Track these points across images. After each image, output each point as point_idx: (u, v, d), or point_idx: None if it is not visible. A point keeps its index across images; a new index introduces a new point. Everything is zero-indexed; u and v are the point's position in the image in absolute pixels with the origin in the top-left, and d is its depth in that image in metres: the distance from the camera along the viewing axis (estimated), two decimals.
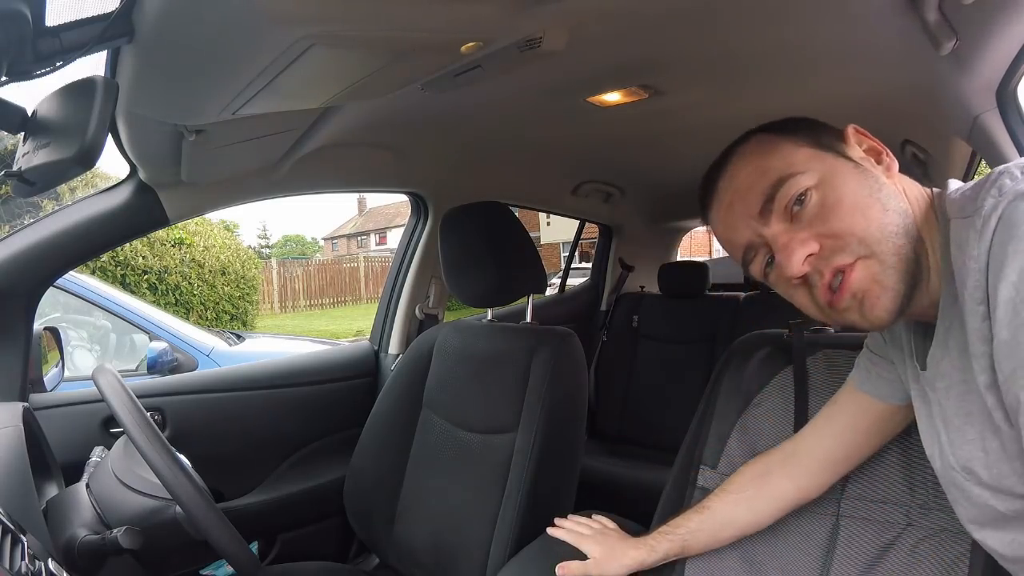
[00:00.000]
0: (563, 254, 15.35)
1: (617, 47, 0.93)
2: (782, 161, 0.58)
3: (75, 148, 0.56)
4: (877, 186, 0.55)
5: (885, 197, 0.55)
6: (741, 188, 0.60)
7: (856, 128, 0.60)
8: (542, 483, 1.09)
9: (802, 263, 0.55)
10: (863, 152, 0.59)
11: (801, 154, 0.58)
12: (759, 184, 0.58)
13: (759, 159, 0.60)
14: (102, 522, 0.84)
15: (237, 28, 0.60)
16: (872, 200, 0.54)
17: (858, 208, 0.54)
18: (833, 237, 0.54)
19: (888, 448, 0.75)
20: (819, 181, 0.55)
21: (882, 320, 0.54)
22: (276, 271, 14.24)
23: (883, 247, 0.53)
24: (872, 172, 0.57)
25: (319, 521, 1.48)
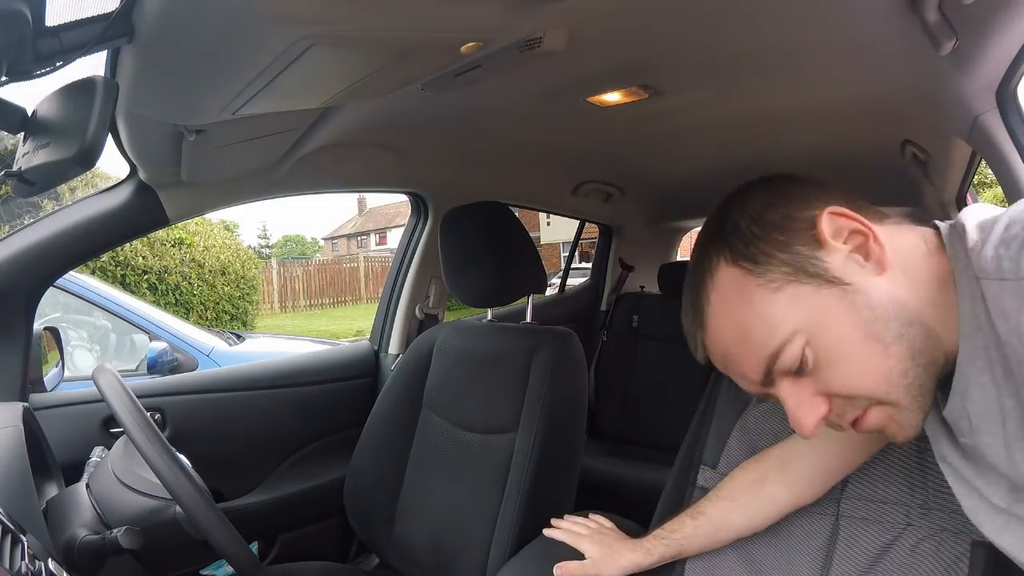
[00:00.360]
0: (563, 254, 15.36)
1: (617, 47, 0.93)
2: (763, 324, 0.51)
3: (75, 148, 0.56)
4: (870, 312, 0.49)
5: (883, 324, 0.49)
6: (730, 355, 0.55)
7: (831, 213, 0.51)
8: (542, 483, 1.09)
9: (815, 429, 0.52)
10: (847, 249, 0.51)
11: (779, 304, 0.51)
12: (748, 359, 0.53)
13: (736, 319, 0.53)
14: (102, 522, 0.84)
15: (237, 28, 0.60)
16: (869, 343, 0.49)
17: (856, 361, 0.50)
18: (840, 396, 0.51)
19: (888, 448, 0.75)
20: (808, 338, 0.50)
21: (907, 441, 0.54)
22: (276, 271, 14.25)
23: (893, 395, 0.50)
24: (860, 287, 0.50)
25: (319, 521, 1.48)
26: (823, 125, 1.33)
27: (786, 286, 0.51)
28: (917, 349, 0.49)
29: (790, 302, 0.51)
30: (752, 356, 0.53)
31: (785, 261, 0.51)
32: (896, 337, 0.49)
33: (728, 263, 0.54)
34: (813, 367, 0.51)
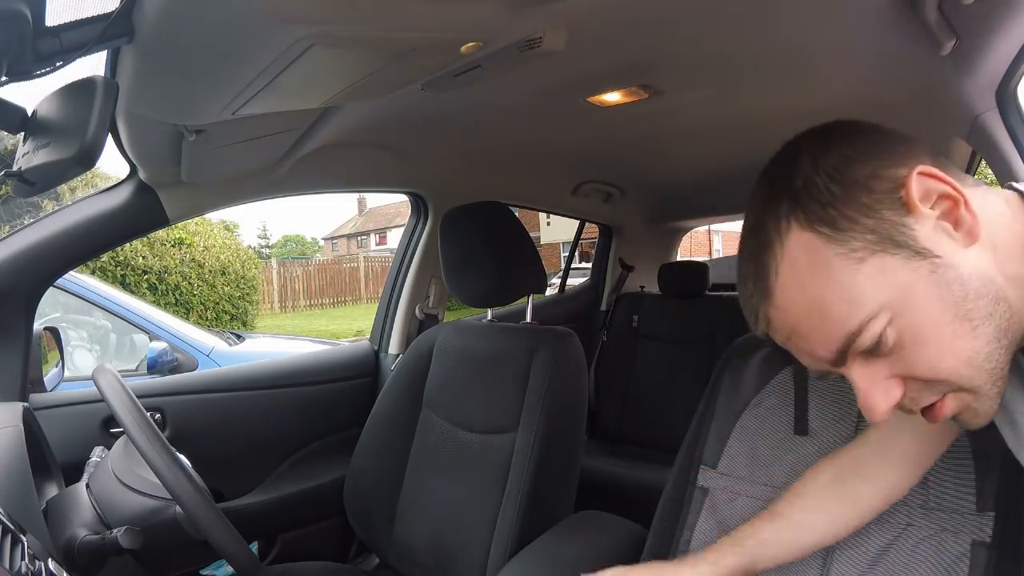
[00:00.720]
0: (563, 254, 15.36)
1: (617, 47, 0.93)
2: (842, 299, 0.45)
3: (75, 148, 0.56)
4: (961, 289, 0.44)
5: (972, 301, 0.44)
6: (799, 329, 0.48)
7: (921, 174, 0.45)
8: (542, 483, 1.09)
9: (887, 412, 0.48)
10: (935, 215, 0.45)
11: (863, 278, 0.45)
12: (821, 335, 0.47)
13: (811, 291, 0.47)
14: (102, 522, 0.84)
15: (237, 28, 0.60)
16: (957, 324, 0.45)
17: (943, 342, 0.45)
18: (918, 380, 0.47)
19: None
20: (893, 316, 0.45)
21: (981, 426, 0.50)
22: (276, 271, 14.25)
23: (976, 381, 0.46)
24: (950, 261, 0.45)
25: (319, 521, 1.48)
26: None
27: (871, 257, 0.45)
28: (1003, 329, 0.45)
29: (875, 275, 0.45)
30: (827, 333, 0.47)
31: (870, 228, 0.45)
32: (985, 317, 0.45)
33: (802, 227, 0.47)
34: (893, 347, 0.46)
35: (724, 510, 0.86)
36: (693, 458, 0.91)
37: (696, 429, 0.93)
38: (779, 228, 0.48)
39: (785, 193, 0.48)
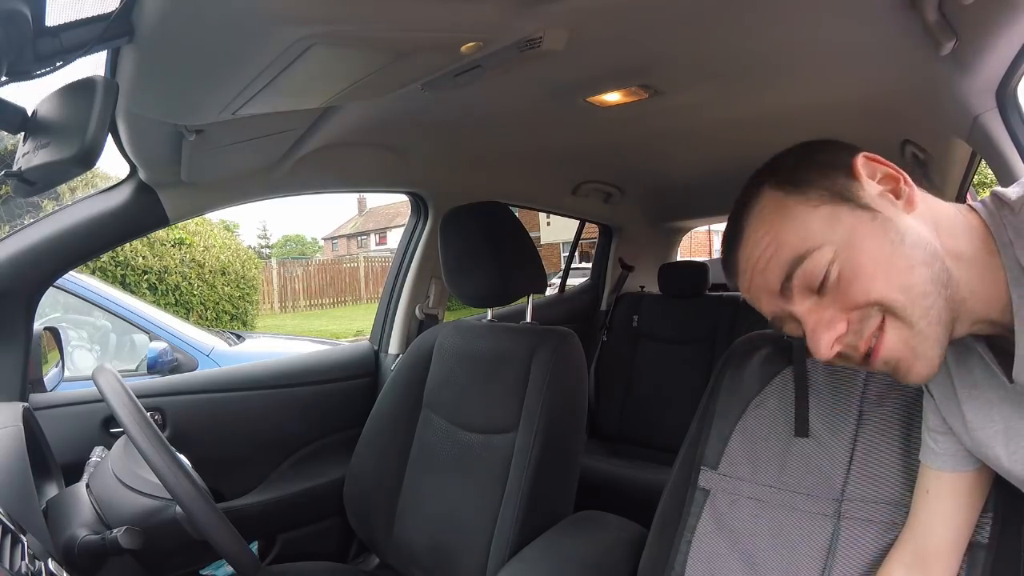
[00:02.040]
0: (563, 254, 15.36)
1: (617, 47, 0.93)
2: (796, 233, 0.54)
3: (75, 148, 0.56)
4: (898, 235, 0.52)
5: (909, 247, 0.52)
6: (759, 265, 0.57)
7: (866, 157, 0.56)
8: (542, 483, 1.09)
9: (831, 347, 0.54)
10: (880, 188, 0.55)
11: (816, 219, 0.54)
12: (775, 262, 0.55)
13: (772, 229, 0.56)
14: (102, 522, 0.84)
15: (237, 28, 0.60)
16: (894, 256, 0.51)
17: (879, 269, 0.51)
18: (858, 308, 0.52)
19: (889, 448, 0.75)
20: (837, 251, 0.52)
21: (920, 382, 0.54)
22: (276, 271, 14.25)
23: (910, 310, 0.51)
24: (890, 216, 0.53)
25: (319, 521, 1.48)
26: (823, 125, 1.32)
27: (823, 205, 0.54)
28: (941, 281, 0.51)
29: (826, 218, 0.54)
30: (779, 260, 0.55)
31: (825, 187, 0.55)
32: (921, 262, 0.51)
33: (771, 187, 0.57)
34: (835, 283, 0.53)
35: (725, 511, 0.85)
36: (694, 459, 0.91)
37: (697, 429, 0.93)
38: (756, 192, 0.58)
39: (764, 172, 0.59)
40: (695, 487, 0.89)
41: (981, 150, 0.97)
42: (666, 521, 0.90)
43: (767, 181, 0.58)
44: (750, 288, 0.59)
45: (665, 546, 0.89)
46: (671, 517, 0.90)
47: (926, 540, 0.67)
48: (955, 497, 0.66)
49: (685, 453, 0.93)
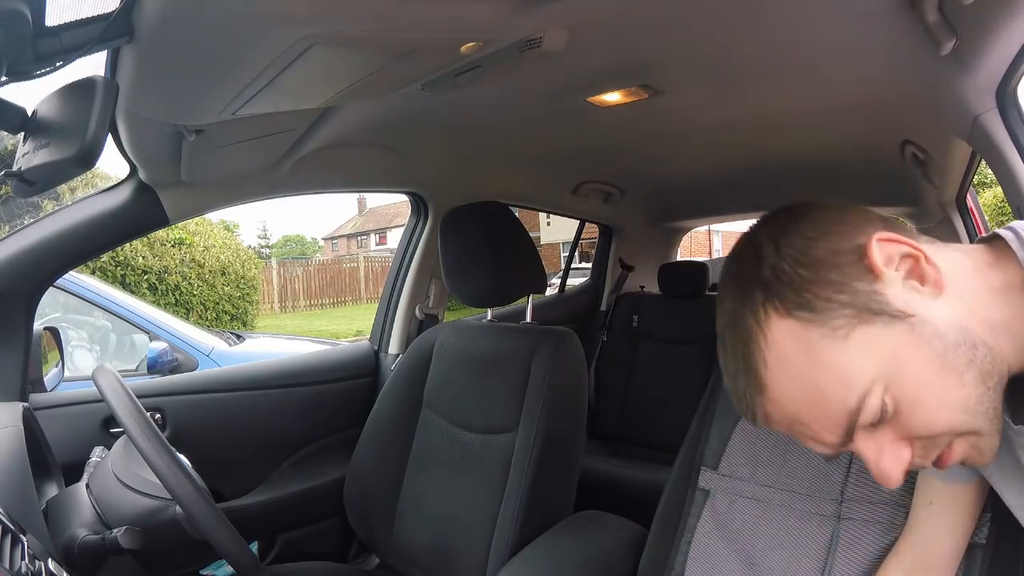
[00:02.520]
0: (563, 254, 15.36)
1: (617, 47, 0.93)
2: (837, 380, 0.46)
3: (75, 148, 0.56)
4: (940, 341, 0.45)
5: (952, 352, 0.45)
6: (801, 419, 0.48)
7: (881, 240, 0.47)
8: (542, 483, 1.09)
9: (902, 475, 0.48)
10: (902, 277, 0.47)
11: (852, 354, 0.45)
12: (824, 421, 0.47)
13: (807, 382, 0.47)
14: (102, 522, 0.84)
15: (237, 28, 0.60)
16: (945, 375, 0.45)
17: (936, 397, 0.45)
18: (923, 439, 0.47)
19: None
20: (887, 384, 0.45)
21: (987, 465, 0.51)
22: (276, 271, 14.25)
23: (974, 425, 0.46)
24: (925, 317, 0.46)
25: (319, 521, 1.48)
26: (823, 125, 1.33)
27: (853, 331, 0.45)
28: (986, 371, 0.46)
29: (862, 348, 0.45)
30: (829, 417, 0.47)
31: (846, 303, 0.46)
32: (967, 364, 0.46)
33: (780, 315, 0.47)
34: (893, 414, 0.46)
35: (725, 512, 0.86)
36: (694, 459, 0.91)
37: (697, 430, 0.93)
38: (758, 319, 0.48)
39: (756, 284, 0.49)
40: (695, 487, 0.89)
41: (981, 150, 0.97)
42: (666, 521, 0.91)
43: (770, 303, 0.48)
44: (793, 435, 0.51)
45: (665, 546, 0.89)
46: (671, 517, 0.90)
47: (928, 549, 0.66)
48: (960, 507, 0.65)
49: (685, 453, 0.93)
